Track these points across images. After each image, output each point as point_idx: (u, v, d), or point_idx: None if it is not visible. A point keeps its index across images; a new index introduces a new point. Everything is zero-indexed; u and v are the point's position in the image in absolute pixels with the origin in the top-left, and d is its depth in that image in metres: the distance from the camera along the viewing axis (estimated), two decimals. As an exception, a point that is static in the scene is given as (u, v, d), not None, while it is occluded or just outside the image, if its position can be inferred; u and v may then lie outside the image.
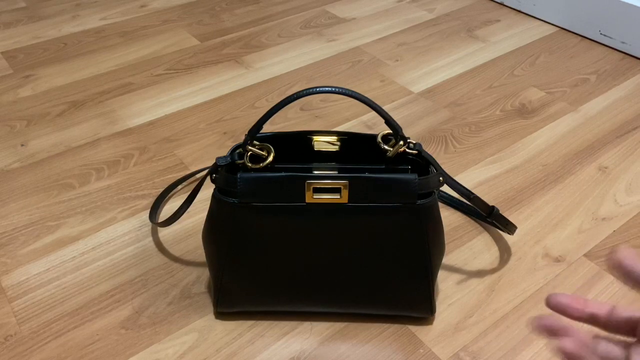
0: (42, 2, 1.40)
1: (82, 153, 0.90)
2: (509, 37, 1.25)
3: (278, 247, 0.58)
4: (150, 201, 0.80)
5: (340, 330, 0.64)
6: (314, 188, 0.55)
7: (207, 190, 0.82)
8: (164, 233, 0.76)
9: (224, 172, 0.56)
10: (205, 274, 0.70)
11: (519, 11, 1.36)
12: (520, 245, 0.74)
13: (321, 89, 0.53)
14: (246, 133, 0.56)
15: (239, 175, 0.55)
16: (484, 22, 1.31)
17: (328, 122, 0.98)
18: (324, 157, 0.63)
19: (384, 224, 0.57)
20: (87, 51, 1.19)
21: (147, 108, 1.01)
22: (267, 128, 0.96)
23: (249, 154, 0.57)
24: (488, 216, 0.66)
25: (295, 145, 0.62)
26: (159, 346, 0.62)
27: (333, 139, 0.62)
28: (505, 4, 1.39)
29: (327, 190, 0.55)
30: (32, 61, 1.15)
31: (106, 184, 0.83)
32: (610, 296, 0.68)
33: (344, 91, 0.54)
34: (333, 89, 0.54)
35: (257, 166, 0.56)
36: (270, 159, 0.57)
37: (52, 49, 1.20)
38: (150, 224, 0.77)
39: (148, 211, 0.79)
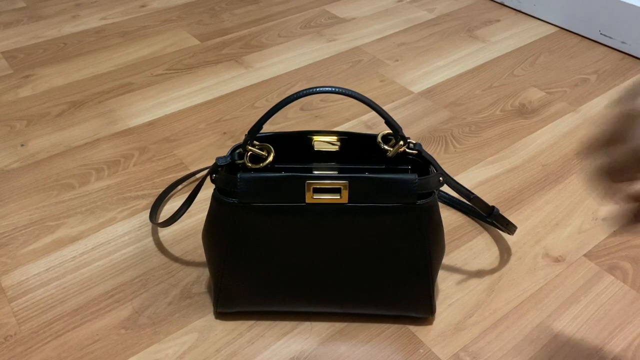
0: (42, 2, 1.40)
1: (82, 153, 0.90)
2: (509, 37, 1.25)
3: (278, 247, 0.58)
4: (150, 201, 0.80)
5: (340, 330, 0.64)
6: (313, 188, 0.55)
7: (207, 190, 0.82)
8: (163, 233, 0.76)
9: (224, 172, 0.56)
10: (205, 274, 0.70)
11: (519, 11, 1.36)
12: (520, 245, 0.74)
13: (321, 89, 0.53)
14: (246, 133, 0.56)
15: (239, 176, 0.55)
16: (484, 22, 1.31)
17: (328, 122, 0.98)
18: (324, 157, 0.63)
19: (384, 224, 0.57)
20: (87, 51, 1.19)
21: (147, 108, 1.01)
22: (267, 128, 0.96)
23: (249, 154, 0.57)
24: (488, 216, 0.66)
25: (295, 145, 0.62)
26: (159, 346, 0.62)
27: (333, 139, 0.62)
28: (505, 4, 1.39)
29: (327, 190, 0.55)
30: (32, 61, 1.15)
31: (106, 184, 0.83)
32: (610, 296, 0.68)
33: (343, 91, 0.54)
34: (333, 89, 0.54)
35: (257, 166, 0.56)
36: (270, 159, 0.56)
37: (52, 49, 1.20)
38: (150, 224, 0.77)
39: (148, 211, 0.79)
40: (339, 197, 0.55)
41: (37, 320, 0.64)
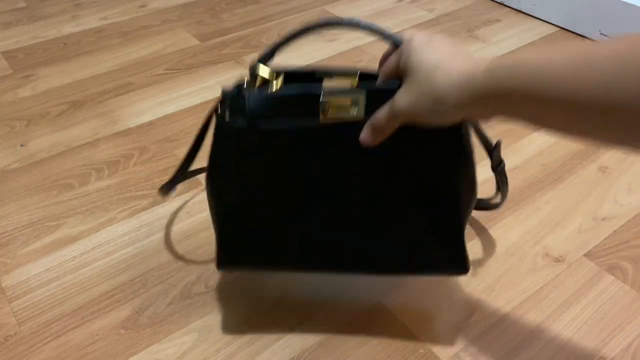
0: (42, 2, 1.40)
1: (82, 153, 0.90)
2: (509, 37, 1.25)
3: (288, 180, 0.52)
4: (150, 201, 0.80)
5: (341, 330, 0.64)
6: (328, 105, 0.50)
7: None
8: (163, 233, 0.76)
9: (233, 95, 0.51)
10: (205, 274, 0.70)
11: (519, 11, 1.36)
12: (520, 245, 0.74)
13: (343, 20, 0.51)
14: (257, 59, 0.52)
15: (247, 93, 0.50)
16: (484, 22, 1.31)
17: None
18: None
19: (404, 148, 0.50)
20: (87, 51, 1.19)
21: (147, 108, 1.01)
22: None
23: (259, 77, 0.51)
24: (497, 166, 0.62)
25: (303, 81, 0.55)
26: (159, 346, 0.62)
27: (347, 81, 0.54)
28: (506, 4, 1.39)
29: (342, 106, 0.50)
30: (32, 61, 1.15)
31: (106, 184, 0.83)
32: (610, 296, 0.68)
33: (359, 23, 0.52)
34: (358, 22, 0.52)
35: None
36: (280, 83, 0.51)
37: (52, 49, 1.20)
38: (150, 224, 0.77)
39: (148, 211, 0.79)
40: (354, 114, 0.49)
41: (37, 320, 0.64)
